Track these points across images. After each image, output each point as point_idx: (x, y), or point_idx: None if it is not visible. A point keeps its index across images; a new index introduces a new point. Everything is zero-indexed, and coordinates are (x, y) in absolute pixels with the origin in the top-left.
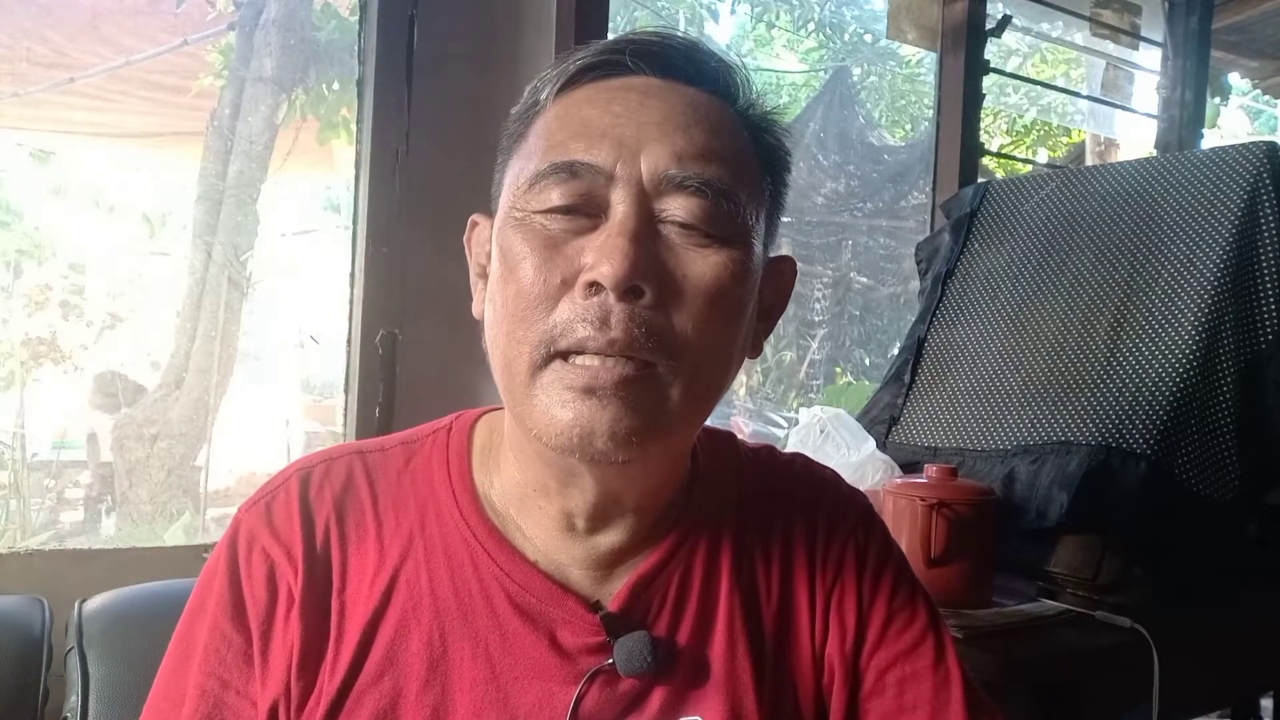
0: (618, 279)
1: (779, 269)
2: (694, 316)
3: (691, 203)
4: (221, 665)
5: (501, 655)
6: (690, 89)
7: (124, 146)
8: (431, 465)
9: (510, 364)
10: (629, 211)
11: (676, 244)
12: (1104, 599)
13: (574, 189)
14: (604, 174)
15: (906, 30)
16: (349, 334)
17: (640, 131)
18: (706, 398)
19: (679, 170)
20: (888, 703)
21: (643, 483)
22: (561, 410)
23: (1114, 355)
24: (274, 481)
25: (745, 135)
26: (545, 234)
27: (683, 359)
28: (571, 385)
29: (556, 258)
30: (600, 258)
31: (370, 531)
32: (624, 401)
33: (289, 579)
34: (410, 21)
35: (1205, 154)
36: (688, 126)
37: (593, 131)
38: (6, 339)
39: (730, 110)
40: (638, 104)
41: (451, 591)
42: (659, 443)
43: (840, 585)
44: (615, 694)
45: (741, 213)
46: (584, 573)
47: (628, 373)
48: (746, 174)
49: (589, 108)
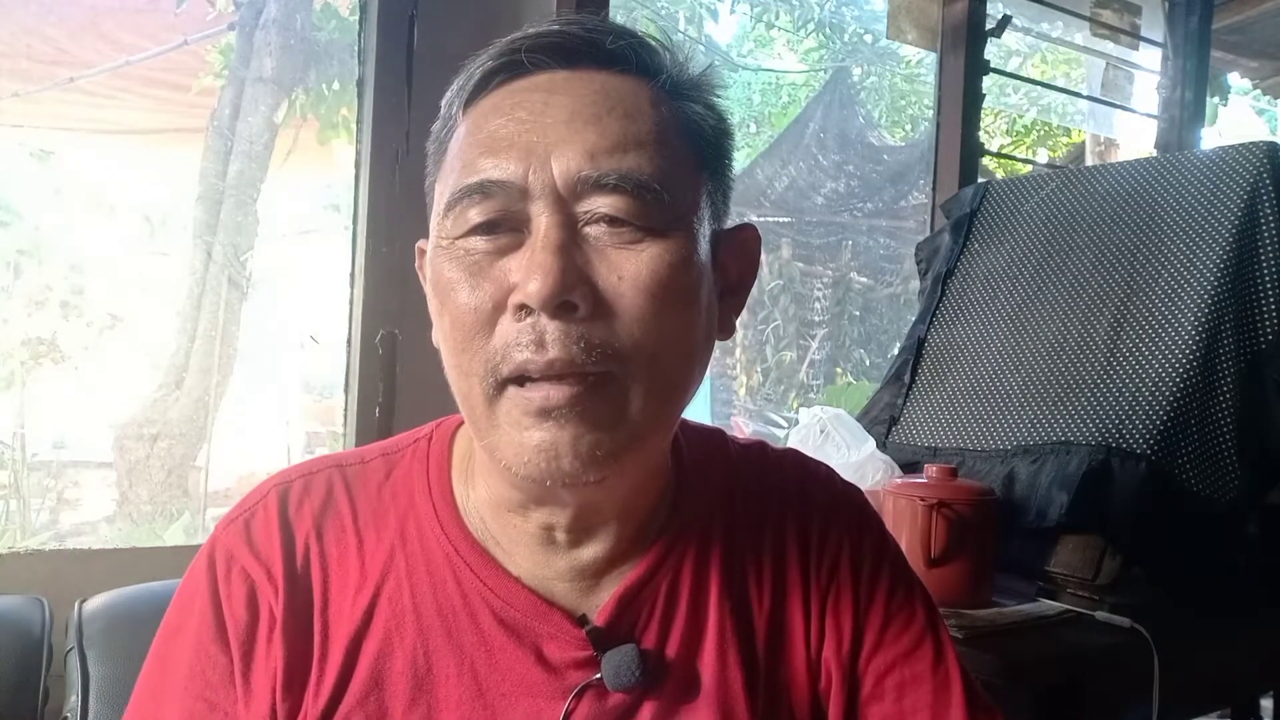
0: (544, 297)
1: (739, 239)
2: (638, 317)
3: (614, 200)
4: (208, 687)
5: (488, 672)
6: (600, 75)
7: (124, 145)
8: (412, 477)
9: (467, 397)
10: (550, 222)
11: (607, 245)
12: (1104, 599)
13: (490, 208)
14: (517, 188)
15: (906, 30)
16: (349, 334)
17: (547, 134)
18: (672, 398)
19: (593, 169)
20: (887, 707)
21: (621, 492)
22: (524, 437)
23: (1114, 355)
24: (252, 498)
25: (667, 111)
26: (469, 260)
27: (634, 362)
28: (528, 410)
29: (484, 282)
30: (526, 276)
31: (351, 548)
32: (581, 418)
33: (270, 599)
34: (410, 21)
35: (1205, 154)
36: (598, 118)
37: (499, 144)
38: (6, 339)
39: (648, 88)
40: (541, 104)
41: (435, 608)
42: (629, 452)
43: (835, 587)
44: (604, 708)
45: (671, 198)
46: (568, 585)
47: (579, 388)
48: (673, 154)
49: (494, 118)
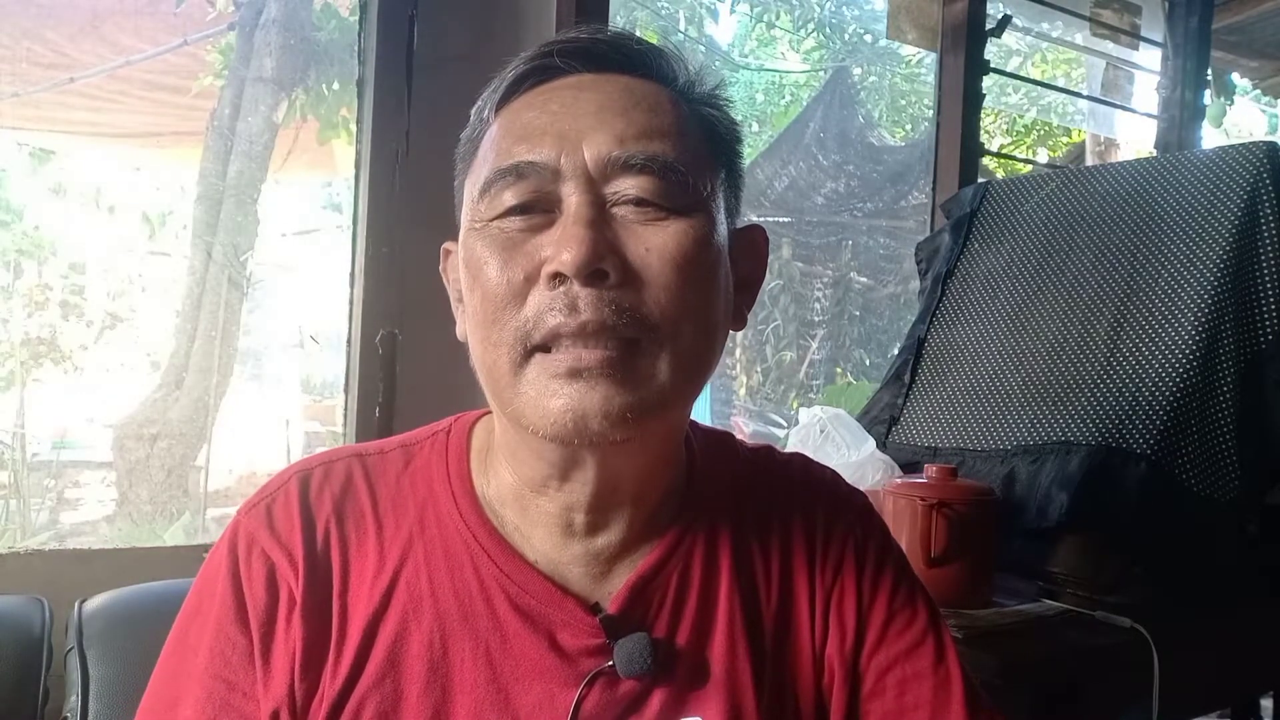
0: (578, 264)
1: (749, 238)
2: (665, 286)
3: (641, 180)
4: (227, 667)
5: (502, 657)
6: (624, 78)
7: (124, 146)
8: (431, 467)
9: (492, 368)
10: (581, 200)
11: (634, 222)
12: (1104, 599)
13: (524, 189)
14: (550, 169)
15: (906, 30)
16: (349, 334)
17: (579, 122)
18: (695, 368)
19: (622, 151)
20: (888, 704)
21: (642, 464)
22: (552, 400)
23: (1114, 355)
24: (273, 483)
25: (686, 111)
26: (504, 236)
27: (662, 330)
28: (556, 373)
29: (518, 256)
30: (560, 248)
31: (370, 534)
32: (611, 380)
33: (290, 581)
34: (410, 21)
35: (1205, 154)
36: (625, 110)
37: (533, 132)
38: (6, 339)
39: (668, 91)
40: (573, 98)
41: (451, 593)
42: (654, 417)
43: (840, 585)
44: (615, 695)
45: (693, 183)
46: (583, 571)
47: (610, 353)
48: (692, 146)
49: (528, 112)
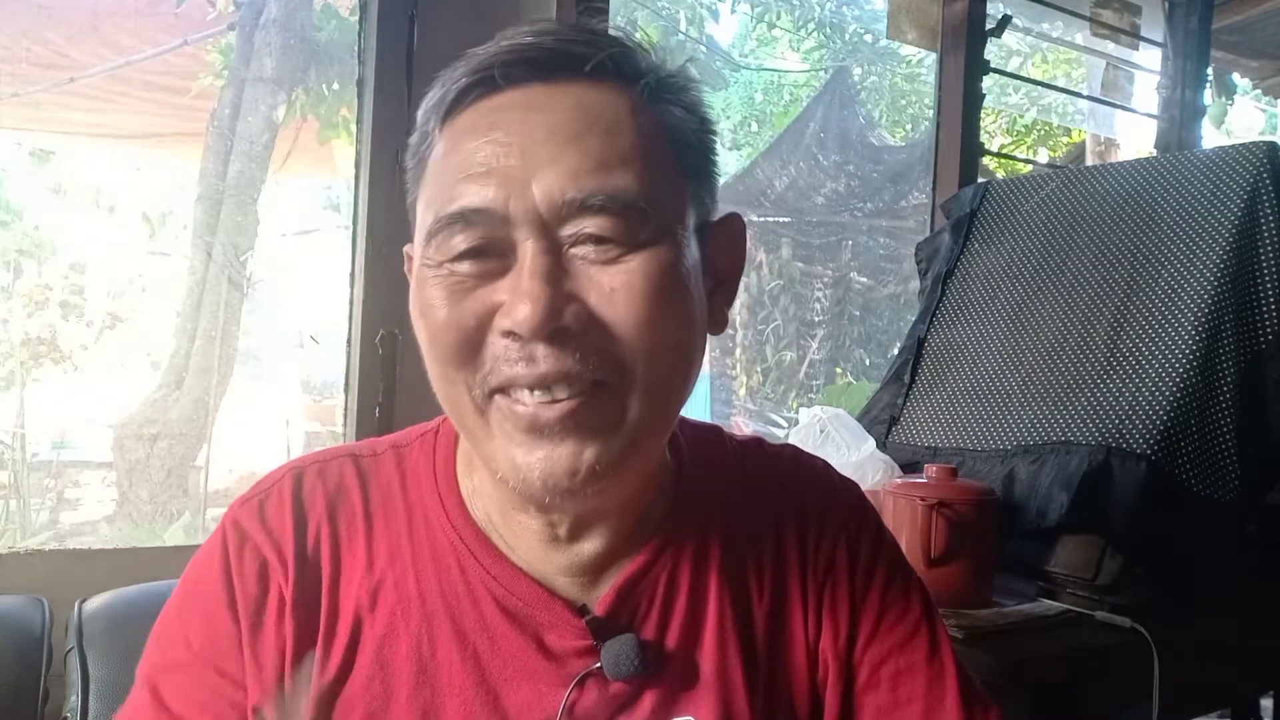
0: (534, 326)
1: (725, 231)
2: (635, 324)
3: (600, 220)
4: (217, 654)
5: (490, 658)
6: (576, 87)
7: (124, 147)
8: (419, 469)
9: (454, 405)
10: (535, 249)
11: (595, 262)
12: (1104, 599)
13: (473, 236)
14: (498, 216)
15: (906, 30)
16: (349, 334)
17: (526, 156)
18: (669, 400)
19: (578, 192)
20: (882, 697)
21: (622, 494)
22: (520, 454)
23: (1114, 355)
24: (267, 480)
25: (647, 121)
26: (455, 280)
27: (631, 368)
28: (518, 426)
29: (470, 304)
30: (515, 302)
31: (360, 534)
32: (576, 434)
33: (279, 578)
34: (410, 21)
35: (1205, 154)
36: (579, 136)
37: (477, 169)
38: (6, 339)
39: (628, 94)
40: (519, 123)
41: (439, 594)
42: (628, 462)
43: (832, 579)
44: (606, 697)
45: (658, 214)
46: (569, 580)
47: (571, 403)
48: (656, 165)
49: (470, 139)
